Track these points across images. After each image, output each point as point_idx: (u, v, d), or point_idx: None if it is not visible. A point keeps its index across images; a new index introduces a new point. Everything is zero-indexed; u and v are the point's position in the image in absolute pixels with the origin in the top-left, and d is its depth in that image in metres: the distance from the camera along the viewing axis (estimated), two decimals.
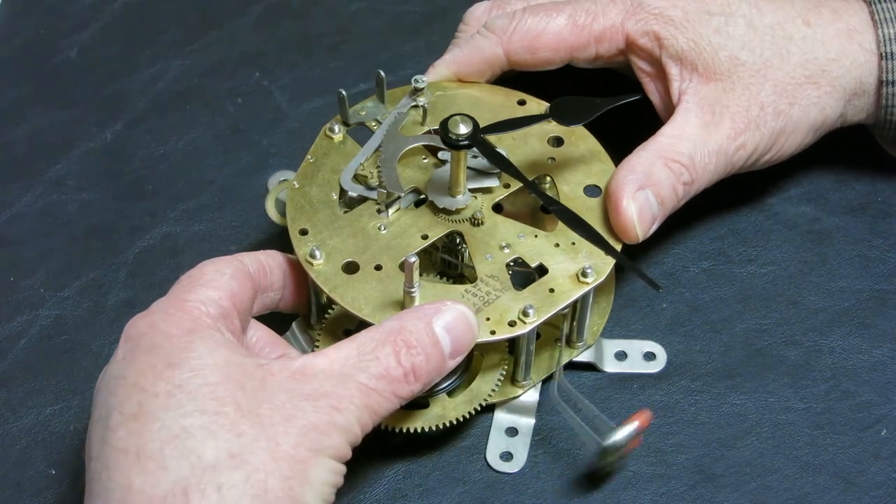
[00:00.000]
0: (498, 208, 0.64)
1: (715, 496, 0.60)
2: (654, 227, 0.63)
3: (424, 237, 0.62)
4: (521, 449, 0.62)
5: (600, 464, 0.59)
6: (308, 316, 0.64)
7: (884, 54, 0.66)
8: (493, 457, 0.62)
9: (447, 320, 0.55)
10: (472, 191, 0.63)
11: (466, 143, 0.60)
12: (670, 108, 0.65)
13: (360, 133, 0.66)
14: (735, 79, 0.64)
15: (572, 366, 0.64)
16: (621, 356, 0.65)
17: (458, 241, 0.63)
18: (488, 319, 0.58)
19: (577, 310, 0.62)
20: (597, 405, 0.63)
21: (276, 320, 0.63)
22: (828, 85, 0.66)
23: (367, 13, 0.84)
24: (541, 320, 0.58)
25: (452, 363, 0.56)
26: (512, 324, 0.58)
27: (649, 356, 0.65)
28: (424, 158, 0.65)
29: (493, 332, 0.58)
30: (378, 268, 0.60)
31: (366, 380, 0.52)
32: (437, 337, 0.55)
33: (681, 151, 0.63)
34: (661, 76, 0.66)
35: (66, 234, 0.71)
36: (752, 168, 0.67)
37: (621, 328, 0.66)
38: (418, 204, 0.63)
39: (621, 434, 0.58)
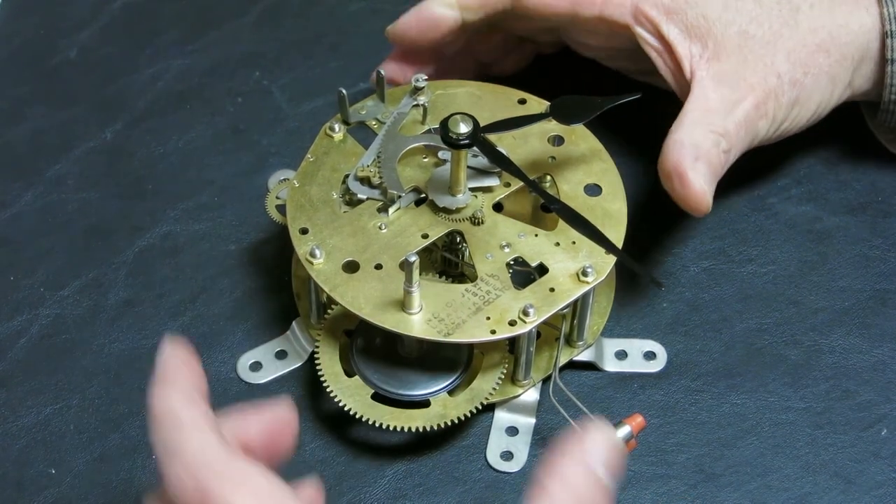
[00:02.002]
0: (498, 207, 0.64)
1: (715, 496, 0.60)
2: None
3: (425, 236, 0.62)
4: (521, 448, 0.62)
5: None
6: (308, 315, 0.64)
7: (889, 32, 0.65)
8: (493, 456, 0.62)
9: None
10: (473, 190, 0.63)
11: (467, 142, 0.59)
12: (683, 83, 0.65)
13: (360, 132, 0.66)
14: (747, 52, 0.64)
15: (572, 365, 0.64)
16: (621, 355, 0.65)
17: (458, 240, 0.63)
18: (488, 319, 0.58)
19: (577, 309, 0.62)
20: (597, 405, 0.63)
21: (278, 319, 0.63)
22: (837, 52, 0.65)
23: (367, 13, 0.84)
24: (541, 319, 0.58)
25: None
26: (512, 323, 0.58)
27: (649, 355, 0.65)
28: (425, 157, 0.65)
29: (493, 332, 0.58)
30: (378, 267, 0.60)
31: None
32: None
33: (714, 122, 0.63)
34: (669, 50, 0.66)
35: (66, 233, 0.71)
36: (770, 140, 0.66)
37: (621, 327, 0.66)
38: (418, 203, 0.63)
39: None
